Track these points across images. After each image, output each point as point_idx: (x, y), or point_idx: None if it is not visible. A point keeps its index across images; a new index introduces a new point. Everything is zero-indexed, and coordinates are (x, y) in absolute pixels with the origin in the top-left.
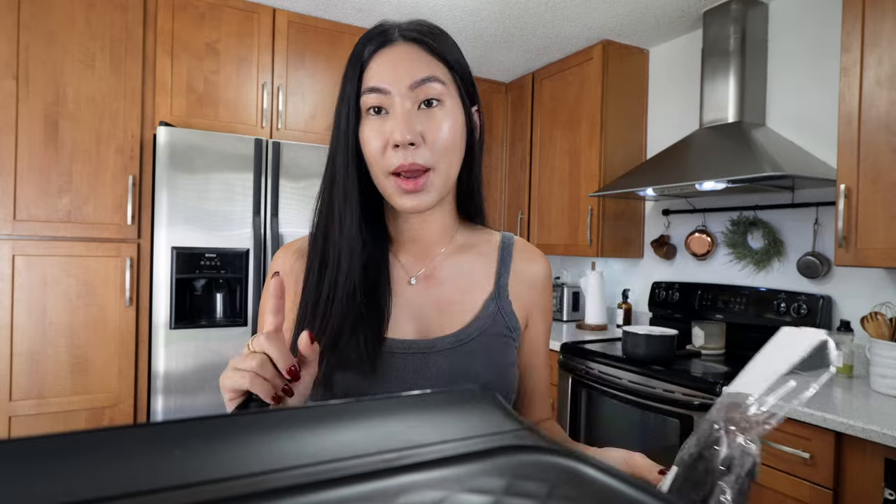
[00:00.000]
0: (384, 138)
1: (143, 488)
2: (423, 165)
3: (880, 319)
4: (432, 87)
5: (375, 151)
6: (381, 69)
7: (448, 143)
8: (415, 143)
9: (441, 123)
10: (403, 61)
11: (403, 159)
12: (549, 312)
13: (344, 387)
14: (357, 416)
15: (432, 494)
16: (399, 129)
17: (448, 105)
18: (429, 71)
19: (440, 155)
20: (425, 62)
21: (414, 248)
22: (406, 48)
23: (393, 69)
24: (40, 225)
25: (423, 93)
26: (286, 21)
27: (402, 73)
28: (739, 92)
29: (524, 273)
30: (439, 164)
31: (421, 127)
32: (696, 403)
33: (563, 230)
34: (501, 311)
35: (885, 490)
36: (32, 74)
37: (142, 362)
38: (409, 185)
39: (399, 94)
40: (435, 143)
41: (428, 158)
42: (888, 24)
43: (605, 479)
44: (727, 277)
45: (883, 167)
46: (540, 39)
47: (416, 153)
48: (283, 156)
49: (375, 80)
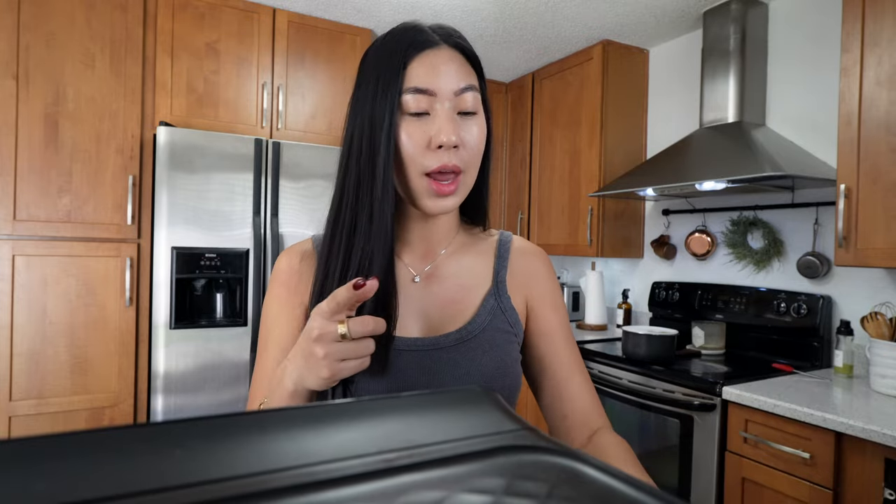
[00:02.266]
0: (426, 138)
1: (144, 488)
2: (460, 167)
3: (880, 319)
4: (472, 96)
5: (415, 150)
6: (427, 71)
7: (478, 150)
8: (458, 146)
9: (476, 131)
10: (448, 66)
11: (447, 160)
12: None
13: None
14: (357, 416)
15: (432, 494)
16: (446, 130)
17: (480, 114)
18: (469, 80)
19: (471, 162)
20: (466, 70)
21: (418, 248)
22: (451, 53)
23: (439, 73)
24: (40, 225)
25: (463, 101)
26: (286, 21)
27: (448, 77)
28: (739, 92)
29: (521, 267)
30: (469, 171)
31: (461, 132)
32: (696, 403)
33: (563, 230)
34: (501, 306)
35: (885, 490)
36: (32, 74)
37: (142, 362)
38: (446, 188)
39: (444, 98)
40: (470, 150)
41: (465, 161)
42: (888, 24)
43: (605, 479)
44: (727, 277)
45: (883, 167)
46: (540, 39)
47: (455, 155)
48: (283, 156)
49: (421, 81)
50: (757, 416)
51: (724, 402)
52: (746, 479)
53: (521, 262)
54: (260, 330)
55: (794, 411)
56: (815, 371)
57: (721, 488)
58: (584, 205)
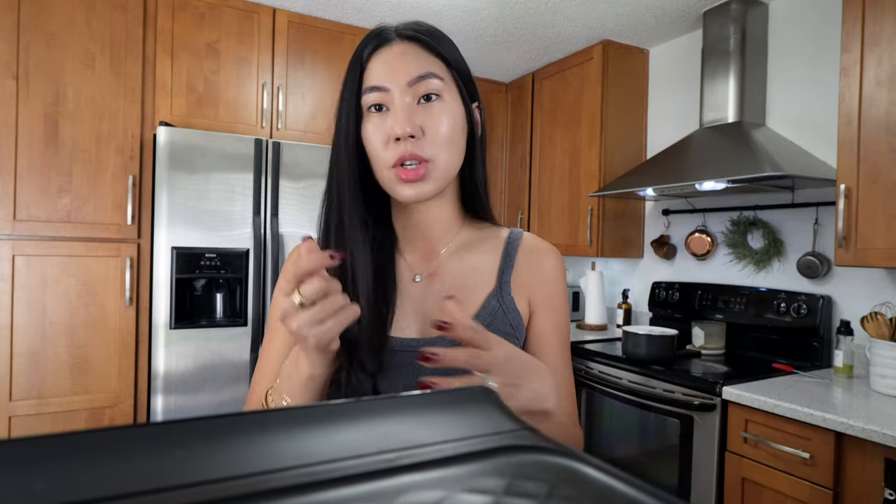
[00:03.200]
0: (386, 133)
1: (143, 488)
2: (423, 157)
3: (880, 319)
4: (430, 83)
5: (377, 147)
6: (380, 68)
7: (447, 136)
8: (415, 135)
9: (440, 117)
10: (401, 59)
11: (404, 151)
12: (557, 306)
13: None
14: (357, 416)
15: (432, 494)
16: (399, 122)
17: (447, 100)
18: (427, 67)
19: (439, 147)
20: (423, 59)
21: (419, 247)
22: (403, 46)
23: (391, 67)
24: (40, 225)
25: (422, 88)
26: (286, 21)
27: (400, 70)
28: (739, 92)
29: (528, 266)
30: (438, 156)
31: (420, 120)
32: (696, 403)
33: (563, 230)
34: (503, 307)
35: (885, 490)
36: (32, 74)
37: (142, 362)
38: (409, 174)
39: (398, 91)
40: (435, 136)
41: (427, 150)
42: (888, 24)
43: (604, 478)
44: (727, 277)
45: (883, 167)
46: (540, 39)
47: (416, 145)
48: (283, 156)
49: (375, 79)
50: (757, 416)
51: (724, 402)
52: (746, 479)
53: (528, 260)
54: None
55: (794, 411)
56: (815, 371)
57: (721, 488)
58: (584, 205)
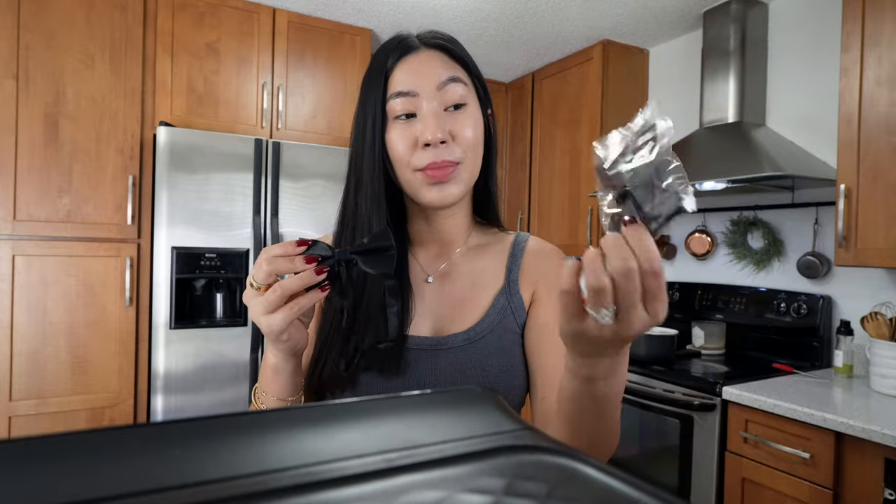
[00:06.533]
0: (412, 138)
1: (143, 488)
2: (452, 160)
3: (880, 319)
4: (456, 89)
5: (403, 152)
6: (407, 75)
7: (474, 141)
8: (445, 140)
9: (467, 123)
10: (428, 65)
11: (435, 157)
12: None
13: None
14: (357, 416)
15: (432, 494)
16: (430, 127)
17: (471, 106)
18: (453, 72)
19: (467, 152)
20: (448, 65)
21: (432, 248)
22: (429, 53)
23: (418, 73)
24: (40, 225)
25: (449, 94)
26: (286, 21)
27: (427, 75)
28: (739, 92)
29: (533, 266)
30: (466, 160)
31: (449, 126)
32: (697, 403)
33: (563, 230)
34: (512, 305)
35: (885, 490)
36: (32, 74)
37: (142, 362)
38: (437, 174)
39: (426, 97)
40: (462, 141)
41: (457, 153)
42: (888, 24)
43: (604, 478)
44: (727, 277)
45: (883, 167)
46: (540, 39)
47: (445, 150)
48: (283, 156)
49: (402, 84)
50: (757, 416)
51: (724, 402)
52: (746, 480)
53: (533, 260)
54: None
55: (795, 411)
56: (815, 371)
57: (721, 488)
58: (584, 204)
